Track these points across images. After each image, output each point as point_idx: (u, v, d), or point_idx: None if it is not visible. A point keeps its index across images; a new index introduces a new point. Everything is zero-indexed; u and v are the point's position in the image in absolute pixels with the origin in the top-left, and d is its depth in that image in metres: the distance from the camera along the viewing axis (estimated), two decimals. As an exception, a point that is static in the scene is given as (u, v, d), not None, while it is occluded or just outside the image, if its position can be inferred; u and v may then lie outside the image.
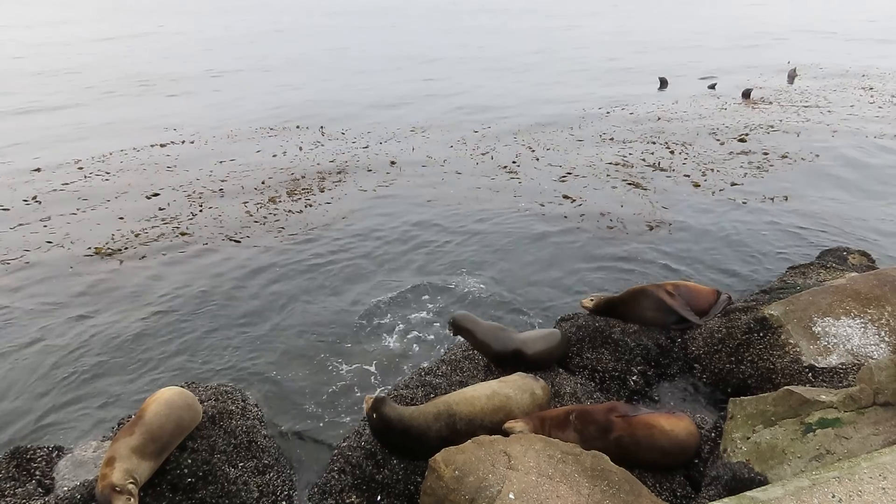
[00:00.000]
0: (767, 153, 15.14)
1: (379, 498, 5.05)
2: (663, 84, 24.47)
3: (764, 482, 4.34)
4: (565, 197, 12.38)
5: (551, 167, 14.51)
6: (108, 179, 14.20)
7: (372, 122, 19.64)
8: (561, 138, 17.09)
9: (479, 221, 11.57)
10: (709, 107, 20.27)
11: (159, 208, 12.30)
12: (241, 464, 5.34)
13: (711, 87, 23.33)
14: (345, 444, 5.67)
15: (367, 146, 16.75)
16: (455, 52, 36.19)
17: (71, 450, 5.71)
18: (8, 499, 4.93)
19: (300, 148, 16.65)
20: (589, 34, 43.97)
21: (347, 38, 44.28)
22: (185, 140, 17.71)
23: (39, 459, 5.49)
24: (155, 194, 13.06)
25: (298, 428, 6.41)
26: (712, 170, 14.00)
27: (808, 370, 5.92)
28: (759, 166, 14.28)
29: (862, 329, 6.11)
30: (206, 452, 5.18)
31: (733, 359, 6.47)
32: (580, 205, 11.95)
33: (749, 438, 4.86)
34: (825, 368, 5.87)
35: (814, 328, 6.25)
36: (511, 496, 3.94)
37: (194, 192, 13.14)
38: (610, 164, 14.39)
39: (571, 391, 6.22)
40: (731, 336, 6.63)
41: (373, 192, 13.10)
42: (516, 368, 6.05)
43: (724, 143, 16.15)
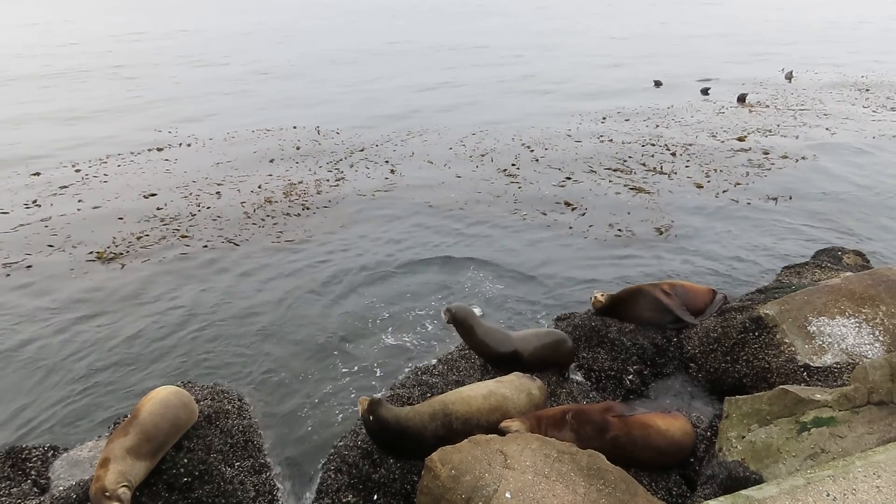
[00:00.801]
0: (768, 153, 15.19)
1: (375, 497, 5.05)
2: (657, 85, 24.53)
3: (759, 481, 4.36)
4: (567, 204, 12.37)
5: (551, 170, 14.50)
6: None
7: (370, 122, 19.65)
8: (559, 141, 17.08)
9: (480, 226, 11.54)
10: (706, 111, 20.30)
11: (157, 208, 12.27)
12: (238, 463, 5.34)
13: (704, 92, 23.38)
14: (341, 444, 5.67)
15: (363, 149, 16.72)
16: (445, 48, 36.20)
17: (66, 449, 5.69)
18: (3, 498, 4.92)
19: (297, 148, 16.60)
20: (588, 34, 44.02)
21: (347, 37, 44.24)
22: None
23: (35, 459, 5.47)
24: (154, 193, 13.04)
25: (295, 427, 6.40)
26: (714, 170, 14.03)
27: (803, 369, 5.94)
28: (759, 164, 14.33)
29: (856, 328, 6.14)
30: (203, 452, 5.18)
31: (729, 358, 6.50)
32: (584, 213, 11.93)
33: (744, 437, 4.88)
34: (820, 368, 5.90)
35: (809, 328, 6.28)
36: (507, 495, 3.95)
37: (191, 195, 13.11)
38: (610, 170, 14.39)
39: (568, 391, 6.24)
40: (727, 335, 6.65)
41: (371, 197, 13.05)
42: (512, 368, 6.05)
43: (723, 141, 16.17)
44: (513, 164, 14.90)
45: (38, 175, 14.66)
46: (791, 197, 12.49)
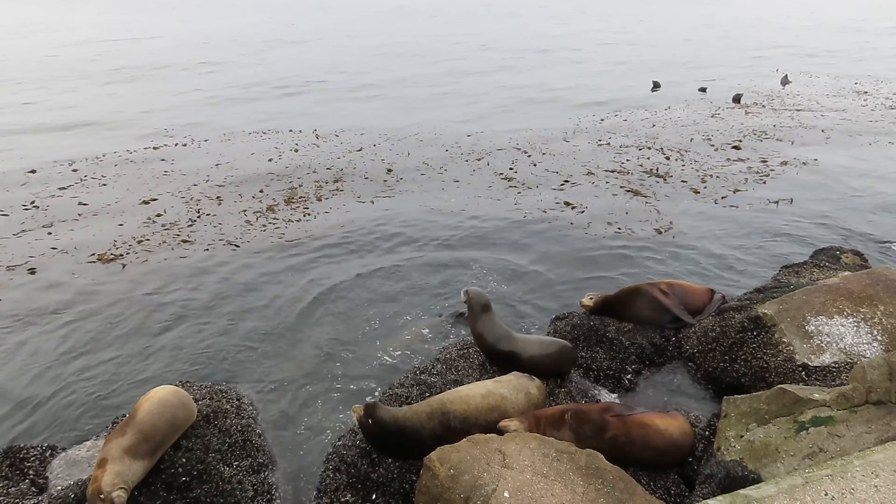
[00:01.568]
0: (766, 160, 15.18)
1: (374, 496, 5.04)
2: (656, 87, 24.56)
3: (757, 480, 4.36)
4: (567, 203, 12.36)
5: (549, 173, 14.48)
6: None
7: (367, 123, 19.63)
8: (556, 144, 17.06)
9: (480, 227, 11.52)
10: (702, 112, 20.29)
11: (157, 214, 12.24)
12: (236, 463, 5.33)
13: (702, 91, 23.43)
14: (340, 443, 5.66)
15: (361, 149, 16.69)
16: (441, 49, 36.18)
17: (65, 449, 5.68)
18: (1, 498, 4.91)
19: (296, 150, 16.57)
20: (588, 36, 44.01)
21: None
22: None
23: (33, 459, 5.46)
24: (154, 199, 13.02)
25: (293, 427, 6.39)
26: (711, 175, 14.01)
27: (801, 369, 5.95)
28: (757, 171, 14.32)
29: (855, 328, 6.15)
30: (201, 451, 5.17)
31: (727, 357, 6.50)
32: (582, 212, 11.93)
33: (743, 437, 4.88)
34: (818, 367, 5.91)
35: (807, 327, 6.29)
36: (506, 494, 3.95)
37: (192, 199, 13.06)
38: (608, 172, 14.37)
39: (566, 390, 6.24)
40: (725, 335, 6.66)
41: (370, 201, 13.01)
42: (510, 368, 6.05)
43: (717, 149, 16.16)
44: (510, 168, 14.89)
45: (34, 172, 14.63)
46: (791, 200, 12.48)
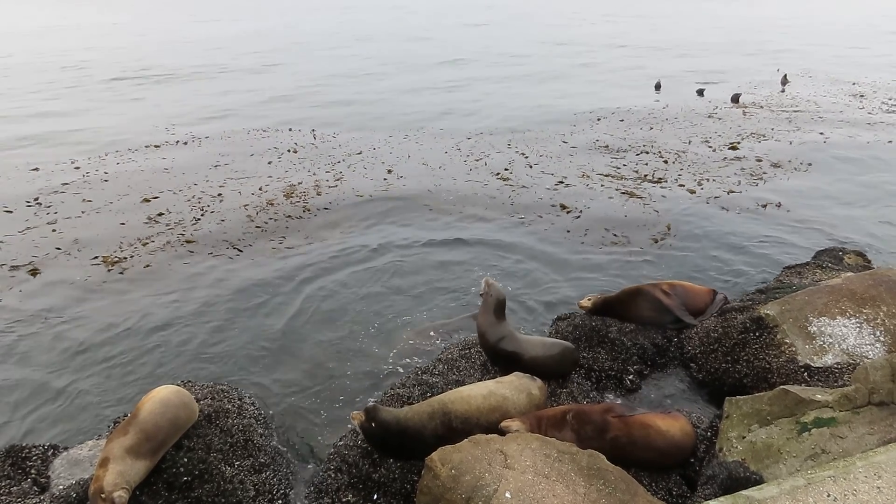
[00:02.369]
0: (761, 160, 15.15)
1: (375, 497, 5.04)
2: (657, 88, 24.55)
3: (759, 481, 4.35)
4: (562, 207, 12.34)
5: (545, 174, 14.47)
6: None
7: (366, 123, 19.64)
8: (554, 144, 17.03)
9: (479, 228, 11.52)
10: (700, 112, 20.26)
11: (159, 213, 12.25)
12: (238, 462, 5.33)
13: (700, 93, 23.40)
14: (341, 443, 5.67)
15: (361, 151, 16.69)
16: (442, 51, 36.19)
17: (66, 448, 5.69)
18: (3, 497, 4.91)
19: (294, 151, 16.57)
20: (592, 36, 43.99)
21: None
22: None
23: (35, 458, 5.46)
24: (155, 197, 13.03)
25: (295, 427, 6.40)
26: (707, 179, 13.98)
27: (803, 370, 5.94)
28: (752, 173, 14.29)
29: (857, 329, 6.13)
30: (203, 451, 5.17)
31: (729, 358, 6.49)
32: (578, 216, 11.91)
33: (745, 438, 4.87)
34: (821, 368, 5.89)
35: (809, 328, 6.27)
36: (507, 495, 3.95)
37: (194, 197, 13.08)
38: (603, 175, 14.34)
39: (568, 391, 6.24)
40: (728, 336, 6.65)
41: (369, 199, 13.01)
42: (511, 368, 6.04)
43: (714, 150, 16.13)
44: (506, 169, 14.88)
45: (36, 170, 14.66)
46: (783, 203, 12.44)
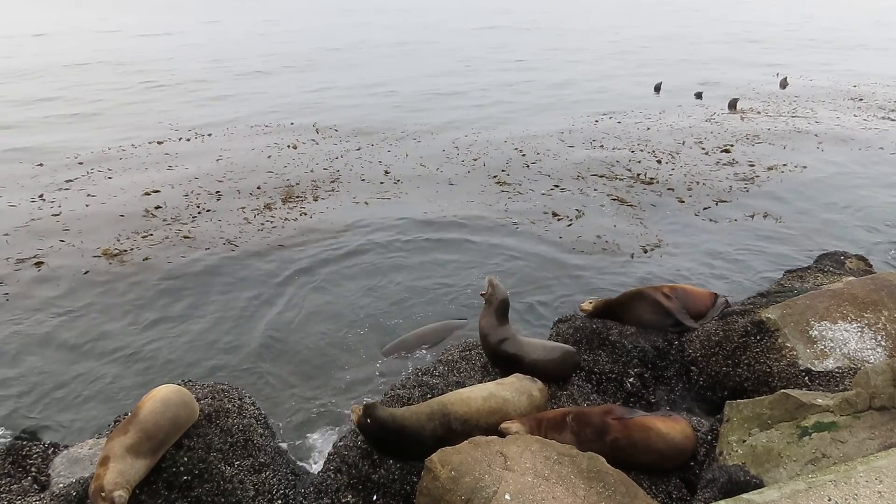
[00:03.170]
0: (753, 164, 15.13)
1: (375, 498, 5.04)
2: (657, 90, 24.55)
3: (760, 485, 4.34)
4: (554, 214, 12.34)
5: (541, 176, 14.48)
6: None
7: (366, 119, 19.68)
8: (551, 144, 17.04)
9: (478, 230, 11.56)
10: (696, 117, 20.25)
11: (156, 206, 12.30)
12: (237, 462, 5.33)
13: (698, 96, 23.38)
14: (341, 444, 5.66)
15: (360, 148, 16.73)
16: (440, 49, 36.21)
17: (67, 447, 5.69)
18: (3, 495, 4.92)
19: (294, 147, 16.61)
20: (596, 37, 44.00)
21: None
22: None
23: (35, 456, 5.47)
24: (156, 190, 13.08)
25: (295, 427, 6.41)
26: (698, 182, 13.96)
27: (804, 374, 5.93)
28: (744, 177, 14.27)
29: (858, 333, 6.12)
30: (203, 450, 5.17)
31: (730, 362, 6.48)
32: (570, 224, 11.91)
33: (745, 441, 4.86)
34: (822, 372, 5.88)
35: (811, 332, 6.26)
36: (507, 497, 3.94)
37: (192, 192, 13.12)
38: (597, 176, 14.35)
39: (568, 393, 6.23)
40: (728, 339, 6.63)
41: (365, 202, 13.02)
42: (512, 370, 6.02)
43: (708, 153, 16.12)
44: (503, 171, 14.89)
45: (41, 166, 14.71)
46: (777, 208, 12.44)
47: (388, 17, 63.92)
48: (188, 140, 17.37)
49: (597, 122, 19.65)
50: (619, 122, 19.46)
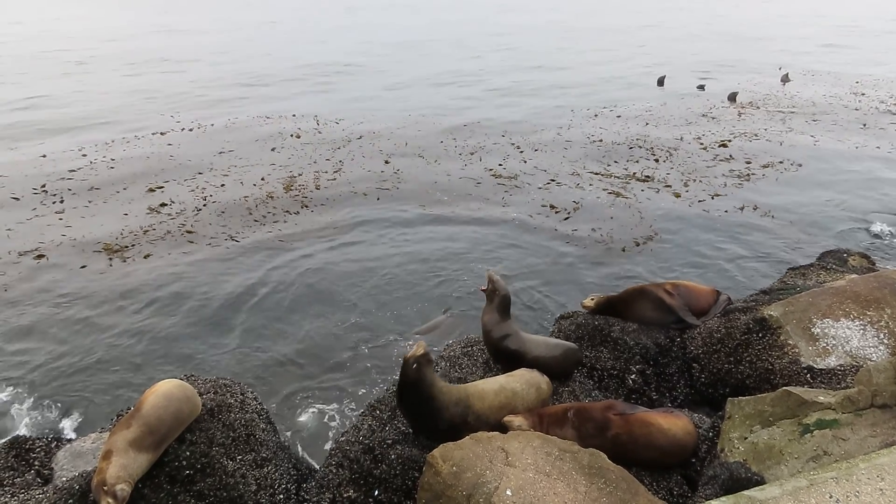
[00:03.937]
0: (750, 161, 15.08)
1: (376, 493, 5.05)
2: (660, 83, 24.49)
3: (761, 482, 4.35)
4: (551, 207, 12.34)
5: (537, 171, 14.46)
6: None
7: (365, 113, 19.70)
8: (549, 139, 17.01)
9: (475, 228, 11.56)
10: (695, 110, 20.20)
11: (161, 204, 12.30)
12: (240, 457, 5.34)
13: (700, 88, 23.34)
14: (343, 439, 5.68)
15: (361, 136, 16.77)
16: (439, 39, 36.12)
17: (70, 440, 5.72)
18: (6, 488, 4.94)
19: (298, 137, 16.64)
20: (603, 30, 43.86)
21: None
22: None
23: (38, 450, 5.49)
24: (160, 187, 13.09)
25: (297, 422, 6.42)
26: (695, 179, 13.93)
27: (806, 371, 5.92)
28: (740, 174, 14.22)
29: (861, 331, 6.11)
30: (205, 445, 5.18)
31: (732, 359, 6.48)
32: (567, 217, 11.89)
33: (747, 438, 4.86)
34: (824, 370, 5.88)
35: (813, 329, 6.25)
36: (508, 492, 3.95)
37: (197, 188, 13.13)
38: (594, 174, 14.32)
39: (570, 389, 6.23)
40: (730, 336, 6.63)
41: (364, 193, 13.03)
42: (514, 366, 6.02)
43: (706, 148, 16.08)
44: (500, 165, 14.88)
45: (44, 157, 14.73)
46: (773, 205, 12.41)
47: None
48: (190, 130, 17.37)
49: (596, 115, 19.63)
50: (619, 116, 19.43)
